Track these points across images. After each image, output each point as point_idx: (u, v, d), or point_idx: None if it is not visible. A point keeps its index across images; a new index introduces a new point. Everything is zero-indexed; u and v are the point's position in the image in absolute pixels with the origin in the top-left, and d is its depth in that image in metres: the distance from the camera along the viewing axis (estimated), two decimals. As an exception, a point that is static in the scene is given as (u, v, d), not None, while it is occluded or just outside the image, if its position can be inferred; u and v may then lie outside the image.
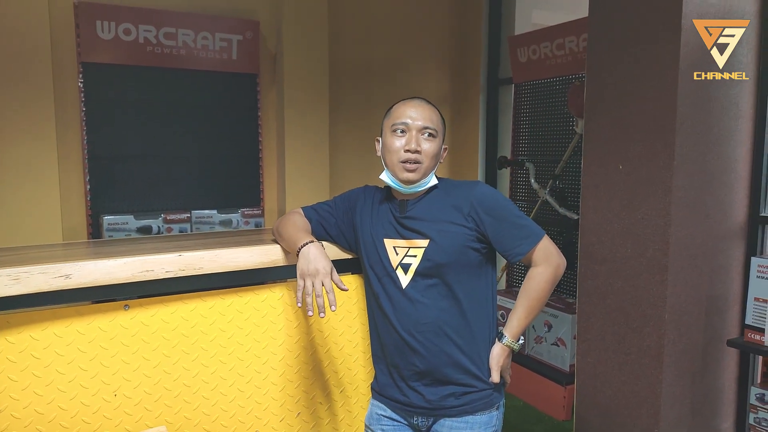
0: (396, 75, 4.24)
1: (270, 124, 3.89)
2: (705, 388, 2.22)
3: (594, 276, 2.33)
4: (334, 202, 1.64)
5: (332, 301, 1.36)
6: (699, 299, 2.15)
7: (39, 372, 1.32)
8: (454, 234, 1.43)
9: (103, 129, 3.34)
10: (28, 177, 3.17)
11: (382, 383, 1.56)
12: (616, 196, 2.21)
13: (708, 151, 2.08)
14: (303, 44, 3.76)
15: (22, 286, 1.28)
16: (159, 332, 1.44)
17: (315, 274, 1.37)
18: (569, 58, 3.52)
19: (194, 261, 1.45)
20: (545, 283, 1.44)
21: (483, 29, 4.27)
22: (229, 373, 1.53)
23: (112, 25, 3.28)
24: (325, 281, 1.36)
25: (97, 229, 3.32)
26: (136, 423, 1.43)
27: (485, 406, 1.48)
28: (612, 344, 2.28)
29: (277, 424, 1.59)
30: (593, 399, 2.38)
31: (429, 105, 1.51)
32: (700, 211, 2.10)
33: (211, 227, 3.58)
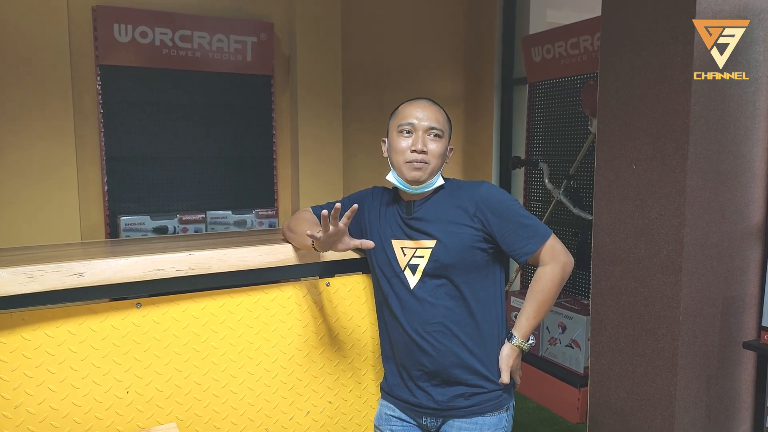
0: (409, 75, 4.25)
1: (284, 125, 3.91)
2: (720, 391, 2.19)
3: (607, 277, 2.31)
4: (342, 202, 1.65)
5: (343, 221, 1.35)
6: (714, 300, 2.11)
7: (53, 368, 1.35)
8: (460, 235, 1.43)
9: (120, 130, 3.39)
10: (47, 178, 3.23)
11: (392, 383, 1.57)
12: (630, 196, 2.19)
13: (723, 150, 2.05)
14: (316, 45, 3.78)
15: (37, 284, 1.30)
16: (170, 330, 1.46)
17: (334, 233, 1.37)
18: (584, 57, 3.49)
19: (204, 260, 1.46)
20: (553, 282, 1.44)
21: (497, 29, 4.26)
22: (240, 371, 1.54)
23: (129, 28, 3.33)
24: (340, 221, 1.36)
25: (115, 229, 3.38)
26: (148, 419, 1.45)
27: (495, 407, 1.48)
28: (625, 346, 2.25)
29: (286, 422, 1.61)
30: (607, 401, 2.36)
31: (435, 105, 1.51)
32: (716, 211, 2.07)
33: (225, 228, 3.61)
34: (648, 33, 2.08)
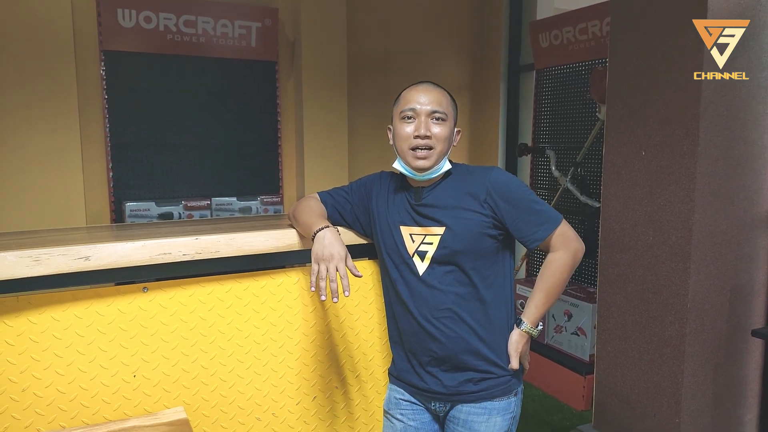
0: (414, 61, 4.21)
1: (289, 111, 3.89)
2: (728, 378, 2.18)
3: (615, 264, 2.30)
4: (350, 187, 1.63)
5: (346, 287, 1.36)
6: (723, 288, 2.10)
7: (60, 352, 1.35)
8: (470, 221, 1.41)
9: (124, 116, 3.38)
10: (52, 164, 3.23)
11: (400, 368, 1.56)
12: (639, 183, 2.17)
13: (734, 136, 2.02)
14: (321, 31, 3.75)
15: (43, 268, 1.30)
16: (177, 314, 1.46)
17: (329, 259, 1.36)
18: (592, 43, 3.46)
19: (210, 244, 1.45)
20: (564, 268, 1.42)
21: (504, 15, 4.21)
22: (246, 356, 1.54)
23: (133, 13, 3.30)
24: (339, 266, 1.36)
25: (120, 215, 3.37)
26: (155, 403, 1.45)
27: (503, 392, 1.47)
28: (633, 333, 2.25)
29: (293, 407, 1.61)
30: (613, 388, 2.35)
31: (437, 88, 1.48)
32: (725, 198, 2.04)
33: (230, 214, 3.61)
34: (659, 18, 2.05)
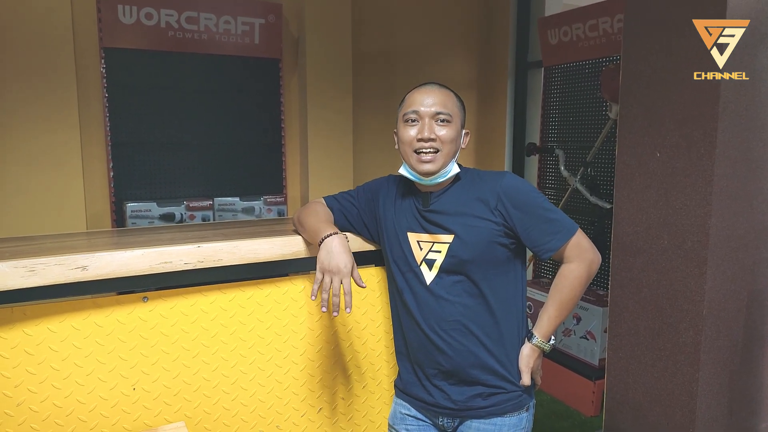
0: (420, 59, 4.15)
1: (293, 110, 3.83)
2: (743, 386, 2.13)
3: (628, 268, 2.24)
4: (356, 192, 1.58)
5: (348, 304, 1.31)
6: (740, 294, 2.04)
7: (57, 365, 1.30)
8: (480, 229, 1.36)
9: (125, 115, 3.33)
10: (52, 164, 3.17)
11: (406, 381, 1.51)
12: (653, 185, 2.11)
13: (753, 137, 1.96)
14: (326, 27, 3.68)
15: (39, 278, 1.25)
16: (178, 325, 1.41)
17: (336, 272, 1.31)
18: (603, 40, 3.39)
19: (213, 253, 1.40)
20: (578, 280, 1.37)
21: (511, 10, 4.14)
22: (250, 367, 1.49)
23: (134, 9, 3.24)
24: (344, 281, 1.31)
25: (121, 216, 3.33)
26: (155, 417, 1.40)
27: (514, 407, 1.42)
28: (645, 339, 2.19)
29: (298, 419, 1.56)
30: (624, 396, 2.30)
31: (442, 89, 1.42)
32: (744, 201, 1.98)
33: (233, 215, 3.55)
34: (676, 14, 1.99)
